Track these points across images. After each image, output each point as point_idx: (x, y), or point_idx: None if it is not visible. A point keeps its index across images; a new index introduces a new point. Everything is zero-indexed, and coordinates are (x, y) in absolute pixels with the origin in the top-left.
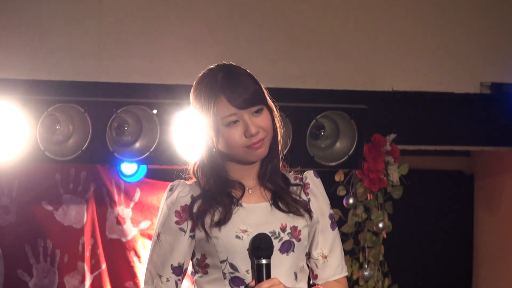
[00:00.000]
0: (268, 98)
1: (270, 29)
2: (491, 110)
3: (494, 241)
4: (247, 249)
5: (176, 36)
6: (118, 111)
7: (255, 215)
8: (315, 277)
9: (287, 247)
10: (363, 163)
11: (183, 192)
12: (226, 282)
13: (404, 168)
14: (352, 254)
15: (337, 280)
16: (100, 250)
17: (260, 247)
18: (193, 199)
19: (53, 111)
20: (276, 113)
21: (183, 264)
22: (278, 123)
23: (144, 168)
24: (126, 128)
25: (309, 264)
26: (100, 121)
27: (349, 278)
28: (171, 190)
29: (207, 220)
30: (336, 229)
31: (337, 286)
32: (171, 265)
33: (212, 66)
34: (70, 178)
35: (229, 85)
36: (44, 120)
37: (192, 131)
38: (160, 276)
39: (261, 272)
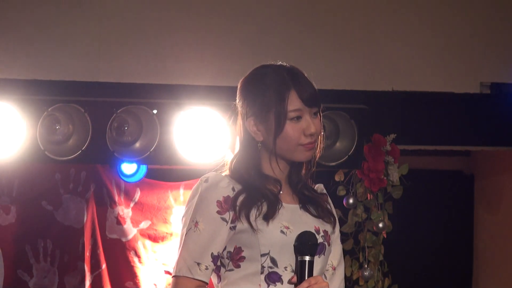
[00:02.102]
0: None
1: (270, 29)
2: (491, 110)
3: (494, 241)
4: (293, 245)
5: (176, 36)
6: (118, 111)
7: (291, 214)
8: None
9: (320, 249)
10: (363, 163)
11: (223, 183)
12: (262, 277)
13: (404, 168)
14: (352, 254)
15: None
16: (100, 250)
17: (307, 243)
18: (236, 192)
19: (53, 111)
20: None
21: (220, 254)
22: (323, 132)
23: (144, 168)
24: (126, 128)
25: None
26: (100, 121)
27: (349, 278)
28: (206, 181)
29: (253, 213)
30: (341, 244)
31: None
32: (212, 253)
33: (266, 63)
34: (70, 178)
35: (298, 81)
36: (44, 120)
37: (192, 131)
38: (198, 264)
39: (303, 269)
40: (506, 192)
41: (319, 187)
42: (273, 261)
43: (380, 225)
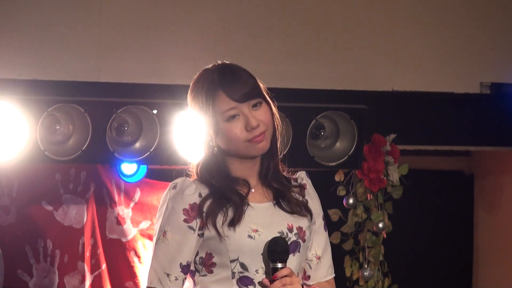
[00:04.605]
0: (266, 93)
1: (270, 29)
2: (491, 110)
3: (494, 241)
4: (262, 250)
5: (176, 36)
6: (118, 111)
7: (262, 214)
8: (307, 277)
9: (294, 248)
10: (363, 163)
11: (190, 190)
12: (234, 281)
13: (404, 168)
14: (352, 254)
15: (328, 281)
16: (100, 250)
17: (277, 251)
18: (202, 198)
19: (53, 111)
20: (274, 109)
21: (190, 262)
22: (277, 120)
23: (144, 168)
24: (126, 128)
25: None
26: (100, 121)
27: (349, 278)
28: (174, 187)
29: (219, 219)
30: (327, 230)
31: (328, 287)
32: (180, 263)
33: (208, 66)
34: (70, 178)
35: (227, 80)
36: (44, 120)
37: (192, 132)
38: (168, 275)
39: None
40: (506, 192)
41: (300, 175)
42: (243, 266)
43: (380, 225)
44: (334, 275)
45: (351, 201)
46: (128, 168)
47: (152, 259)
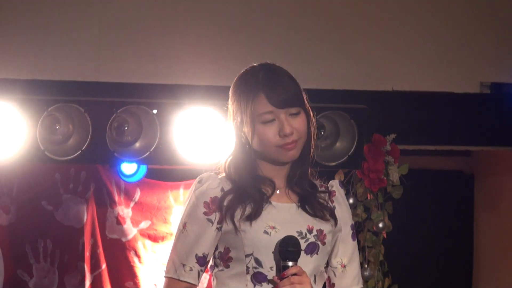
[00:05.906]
0: (306, 102)
1: (269, 29)
2: (491, 110)
3: (494, 241)
4: (274, 247)
5: (176, 36)
6: (118, 111)
7: (283, 214)
8: (332, 285)
9: (312, 249)
10: (363, 163)
11: (213, 184)
12: (249, 277)
13: (404, 168)
14: None
15: None
16: (100, 250)
17: (288, 250)
18: (224, 192)
19: (53, 111)
20: (313, 118)
21: (207, 255)
22: (313, 129)
23: (144, 168)
24: (126, 128)
25: (326, 272)
26: (100, 121)
27: None
28: (200, 182)
29: (237, 214)
30: (356, 240)
31: None
32: (196, 254)
33: (254, 64)
34: (70, 178)
35: (269, 83)
36: (44, 120)
37: (192, 131)
38: (183, 265)
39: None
40: (506, 192)
41: (331, 183)
42: (258, 261)
43: (380, 225)
44: (361, 285)
45: (351, 201)
46: (128, 168)
47: (172, 250)
